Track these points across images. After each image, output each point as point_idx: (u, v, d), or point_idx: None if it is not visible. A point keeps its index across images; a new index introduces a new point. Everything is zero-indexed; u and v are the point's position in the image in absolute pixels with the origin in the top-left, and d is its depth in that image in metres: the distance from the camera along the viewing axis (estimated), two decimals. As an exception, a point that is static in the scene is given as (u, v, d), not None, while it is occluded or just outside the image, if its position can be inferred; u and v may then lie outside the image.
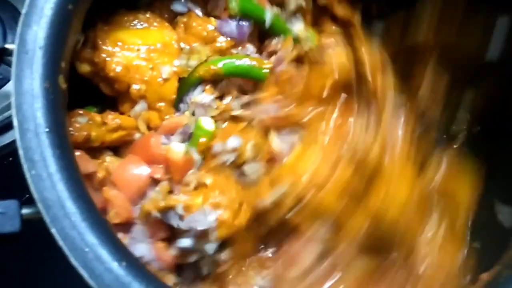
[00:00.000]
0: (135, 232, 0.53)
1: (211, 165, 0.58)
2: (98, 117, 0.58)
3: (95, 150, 0.58)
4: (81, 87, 0.58)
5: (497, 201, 0.63)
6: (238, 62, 0.64)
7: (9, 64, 0.77)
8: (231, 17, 0.66)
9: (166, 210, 0.52)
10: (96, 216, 0.40)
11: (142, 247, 0.52)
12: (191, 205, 0.52)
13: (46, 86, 0.41)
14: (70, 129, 0.52)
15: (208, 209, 0.52)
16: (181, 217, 0.52)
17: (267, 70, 0.66)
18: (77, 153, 0.53)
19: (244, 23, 0.66)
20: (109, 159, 0.59)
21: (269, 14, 0.67)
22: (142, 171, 0.57)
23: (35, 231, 0.39)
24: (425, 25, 0.67)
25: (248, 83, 0.66)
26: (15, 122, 0.40)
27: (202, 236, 0.52)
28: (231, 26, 0.65)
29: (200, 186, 0.55)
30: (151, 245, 0.52)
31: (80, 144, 0.54)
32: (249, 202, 0.57)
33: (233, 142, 0.58)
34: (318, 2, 0.70)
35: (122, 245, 0.43)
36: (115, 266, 0.39)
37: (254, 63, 0.65)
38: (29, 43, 0.41)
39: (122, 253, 0.40)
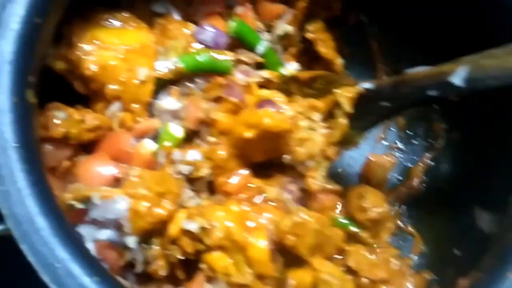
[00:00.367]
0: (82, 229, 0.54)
1: (166, 171, 0.59)
2: (76, 114, 0.58)
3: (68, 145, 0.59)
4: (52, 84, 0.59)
5: (477, 207, 0.63)
6: (199, 58, 0.64)
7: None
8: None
9: (86, 201, 0.52)
10: (67, 231, 0.42)
11: (89, 246, 0.53)
12: (107, 196, 0.52)
13: (15, 101, 0.42)
14: (48, 123, 0.53)
15: (119, 197, 0.52)
16: (97, 206, 0.52)
17: (231, 62, 0.65)
18: (49, 146, 0.55)
19: (222, 34, 0.66)
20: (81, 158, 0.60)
21: (264, 44, 0.68)
22: (107, 170, 0.58)
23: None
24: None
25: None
26: (-18, 138, 0.40)
27: (119, 227, 0.52)
28: (208, 34, 0.66)
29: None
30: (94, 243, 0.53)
31: (56, 139, 0.55)
32: (173, 199, 0.55)
33: (192, 155, 0.59)
34: (305, 35, 0.70)
35: (93, 259, 0.44)
36: (87, 281, 0.40)
37: (215, 55, 0.64)
38: (-3, 57, 0.42)
39: (93, 267, 0.42)
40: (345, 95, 0.60)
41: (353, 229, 0.68)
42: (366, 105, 0.60)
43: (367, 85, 0.60)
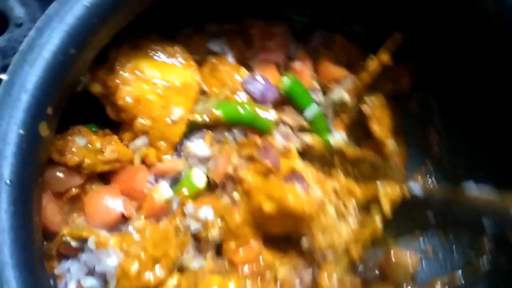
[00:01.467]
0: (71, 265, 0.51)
1: (176, 222, 0.55)
2: (97, 143, 0.55)
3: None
4: (89, 102, 0.56)
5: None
6: (241, 109, 0.60)
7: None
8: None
9: (81, 240, 0.49)
10: (33, 286, 0.38)
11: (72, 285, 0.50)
12: (102, 243, 0.49)
13: (22, 133, 0.39)
14: (65, 149, 0.51)
15: (113, 251, 0.49)
16: (90, 252, 0.49)
17: (273, 122, 0.61)
18: (60, 174, 0.53)
19: (271, 88, 0.62)
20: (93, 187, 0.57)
21: (314, 109, 0.63)
22: (115, 206, 0.55)
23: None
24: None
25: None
26: (-22, 166, 0.38)
27: (105, 281, 0.48)
28: (258, 86, 0.61)
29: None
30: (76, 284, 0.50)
31: (69, 167, 0.53)
32: (168, 264, 0.52)
33: (204, 212, 0.55)
34: (360, 107, 0.64)
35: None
36: None
37: (259, 111, 0.60)
38: (16, 84, 0.39)
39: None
40: (388, 194, 0.53)
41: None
42: (409, 210, 0.52)
43: (415, 190, 0.52)
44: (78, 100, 0.51)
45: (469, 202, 0.47)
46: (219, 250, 0.59)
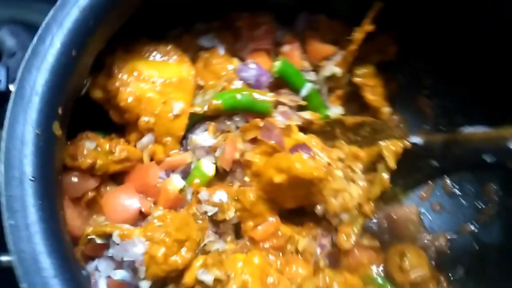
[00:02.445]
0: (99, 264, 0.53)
1: (190, 211, 0.56)
2: (106, 145, 0.58)
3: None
4: (92, 111, 0.59)
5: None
6: (239, 96, 0.62)
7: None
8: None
9: (105, 236, 0.51)
10: (70, 274, 0.40)
11: (102, 281, 0.51)
12: (127, 235, 0.50)
13: (38, 133, 0.41)
14: (77, 153, 0.53)
15: (138, 239, 0.50)
16: (116, 245, 0.51)
17: (271, 103, 0.63)
18: (75, 178, 0.55)
19: (265, 73, 0.64)
20: (108, 188, 0.59)
21: (308, 86, 0.66)
22: (132, 203, 0.57)
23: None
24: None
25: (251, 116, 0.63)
26: (2, 169, 0.40)
27: (134, 270, 0.50)
28: (251, 72, 0.64)
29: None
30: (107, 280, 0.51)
31: (83, 170, 0.55)
32: (192, 246, 0.53)
33: (219, 196, 0.57)
34: (352, 80, 0.66)
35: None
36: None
37: (256, 95, 0.62)
38: (27, 89, 0.42)
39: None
40: (391, 148, 0.55)
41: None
42: (413, 161, 0.54)
43: (416, 139, 0.54)
44: (82, 109, 0.54)
45: (468, 142, 0.49)
46: (238, 232, 0.61)
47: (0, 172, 0.40)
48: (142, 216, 0.58)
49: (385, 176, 0.56)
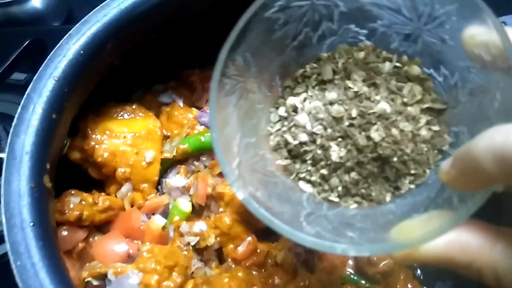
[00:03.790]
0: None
1: (175, 244, 0.62)
2: (89, 198, 0.64)
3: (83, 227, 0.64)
4: (72, 172, 0.66)
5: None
6: (202, 138, 0.70)
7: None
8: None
9: (100, 277, 0.55)
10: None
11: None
12: (121, 272, 0.55)
13: (32, 186, 0.48)
14: (64, 208, 0.59)
15: (131, 272, 0.55)
16: (112, 282, 0.55)
17: None
18: (65, 232, 0.60)
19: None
20: (96, 238, 0.65)
21: None
22: (121, 247, 0.62)
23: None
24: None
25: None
26: (3, 219, 0.46)
27: None
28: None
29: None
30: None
31: (71, 223, 0.61)
32: (182, 271, 0.58)
33: (198, 226, 0.63)
34: None
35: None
36: None
37: None
38: (17, 150, 0.49)
39: None
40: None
41: (365, 284, 0.67)
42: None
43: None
44: (63, 173, 0.61)
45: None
46: (221, 258, 0.67)
47: (2, 222, 0.46)
48: (131, 259, 0.63)
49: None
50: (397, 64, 0.41)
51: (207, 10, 0.67)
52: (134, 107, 0.71)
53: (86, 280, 0.56)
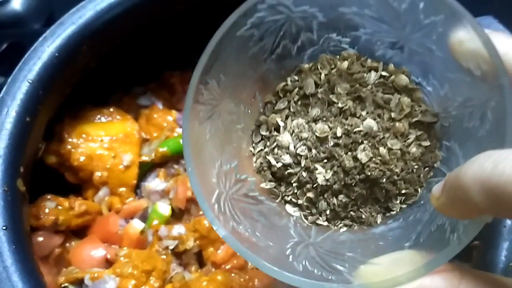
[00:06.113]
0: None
1: (154, 248, 0.62)
2: (66, 202, 0.63)
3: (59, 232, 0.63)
4: (48, 176, 0.64)
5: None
6: (181, 141, 0.69)
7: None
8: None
9: (77, 282, 0.55)
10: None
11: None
12: (97, 277, 0.55)
13: (4, 189, 0.47)
14: (39, 213, 0.58)
15: (108, 277, 0.55)
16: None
17: None
18: (40, 238, 0.59)
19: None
20: (73, 243, 0.64)
21: None
22: (98, 252, 0.61)
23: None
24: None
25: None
26: (-25, 224, 0.45)
27: None
28: (188, 118, 0.73)
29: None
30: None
31: (47, 227, 0.60)
32: (160, 275, 0.58)
33: (177, 229, 0.63)
34: None
35: None
36: None
37: None
38: (-10, 153, 0.48)
39: None
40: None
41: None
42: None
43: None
44: (38, 178, 0.59)
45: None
46: (201, 262, 0.66)
47: (-26, 228, 0.45)
48: (109, 264, 0.63)
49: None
50: (384, 73, 0.39)
51: (187, 11, 0.67)
52: (111, 110, 0.70)
53: (62, 285, 0.56)
